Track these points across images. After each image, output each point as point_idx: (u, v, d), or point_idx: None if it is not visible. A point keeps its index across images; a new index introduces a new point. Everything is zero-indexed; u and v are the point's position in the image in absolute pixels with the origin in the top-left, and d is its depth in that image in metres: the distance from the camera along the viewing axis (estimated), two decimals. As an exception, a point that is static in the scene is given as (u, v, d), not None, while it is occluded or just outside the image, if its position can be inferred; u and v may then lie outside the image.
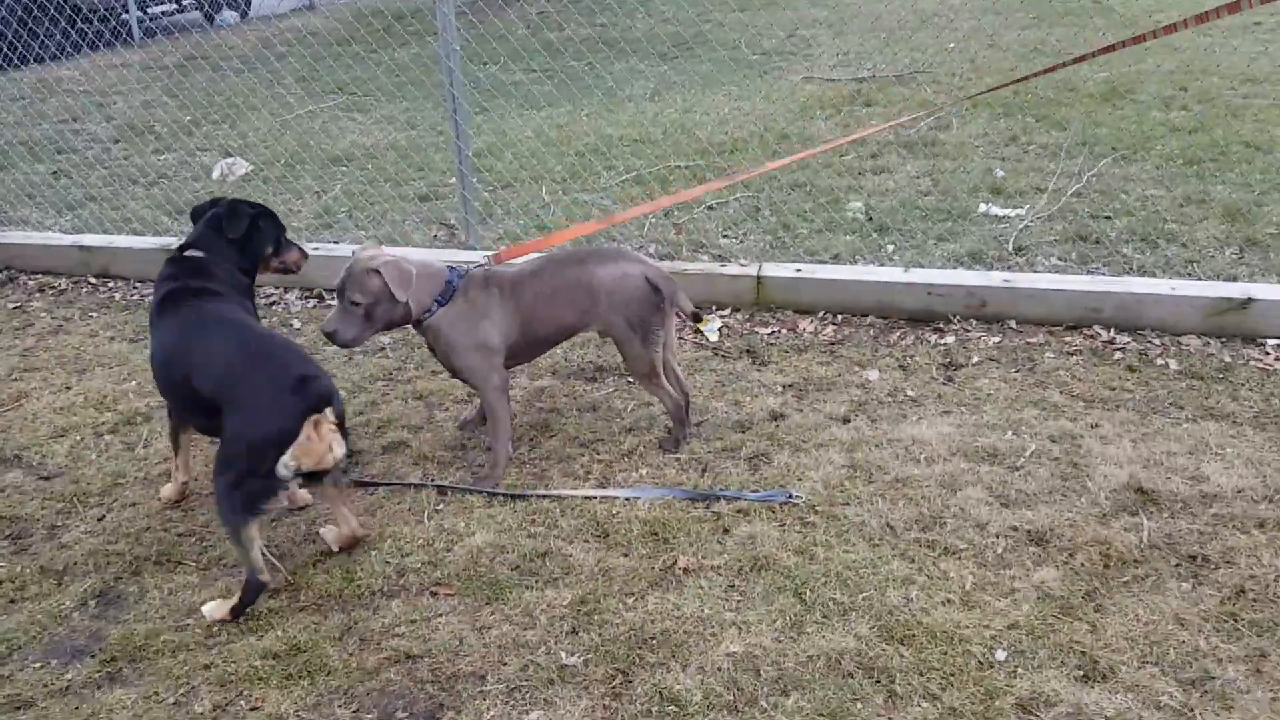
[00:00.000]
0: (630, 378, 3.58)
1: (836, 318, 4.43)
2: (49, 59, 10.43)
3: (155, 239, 5.44)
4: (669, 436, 3.53)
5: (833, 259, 4.79)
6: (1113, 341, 4.02)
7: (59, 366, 4.49)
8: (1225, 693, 2.38)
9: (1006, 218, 5.15)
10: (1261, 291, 3.98)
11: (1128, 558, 2.82)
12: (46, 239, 5.55)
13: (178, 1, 12.84)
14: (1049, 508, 3.06)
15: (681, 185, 5.88)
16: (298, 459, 2.72)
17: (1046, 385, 3.76)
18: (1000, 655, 2.53)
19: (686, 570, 2.91)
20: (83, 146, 7.70)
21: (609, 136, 6.92)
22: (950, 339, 4.18)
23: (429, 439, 3.71)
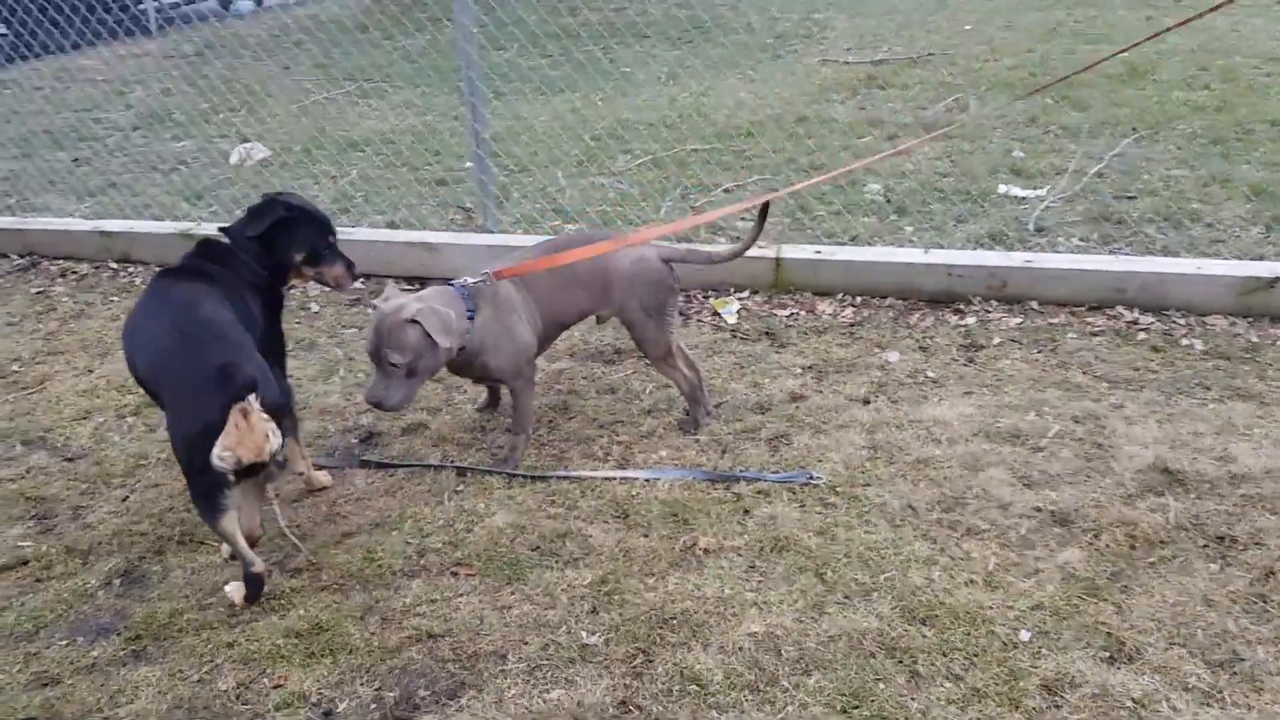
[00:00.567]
0: (646, 361, 3.56)
1: (856, 299, 4.41)
2: (70, 49, 10.46)
3: (174, 224, 5.46)
4: (688, 418, 3.52)
5: (851, 240, 4.76)
6: (1136, 322, 3.98)
7: (81, 350, 4.51)
8: (1254, 674, 2.36)
9: (1027, 199, 5.10)
10: (1289, 271, 3.93)
11: (1154, 539, 2.79)
12: (67, 225, 5.58)
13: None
14: (1073, 489, 3.03)
15: (699, 168, 5.85)
16: (232, 451, 2.54)
17: (1069, 366, 3.73)
18: (1025, 636, 2.51)
19: (707, 551, 2.90)
20: (103, 134, 7.74)
21: (625, 120, 6.90)
22: (971, 320, 4.15)
23: (448, 421, 3.71)
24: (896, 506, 3.03)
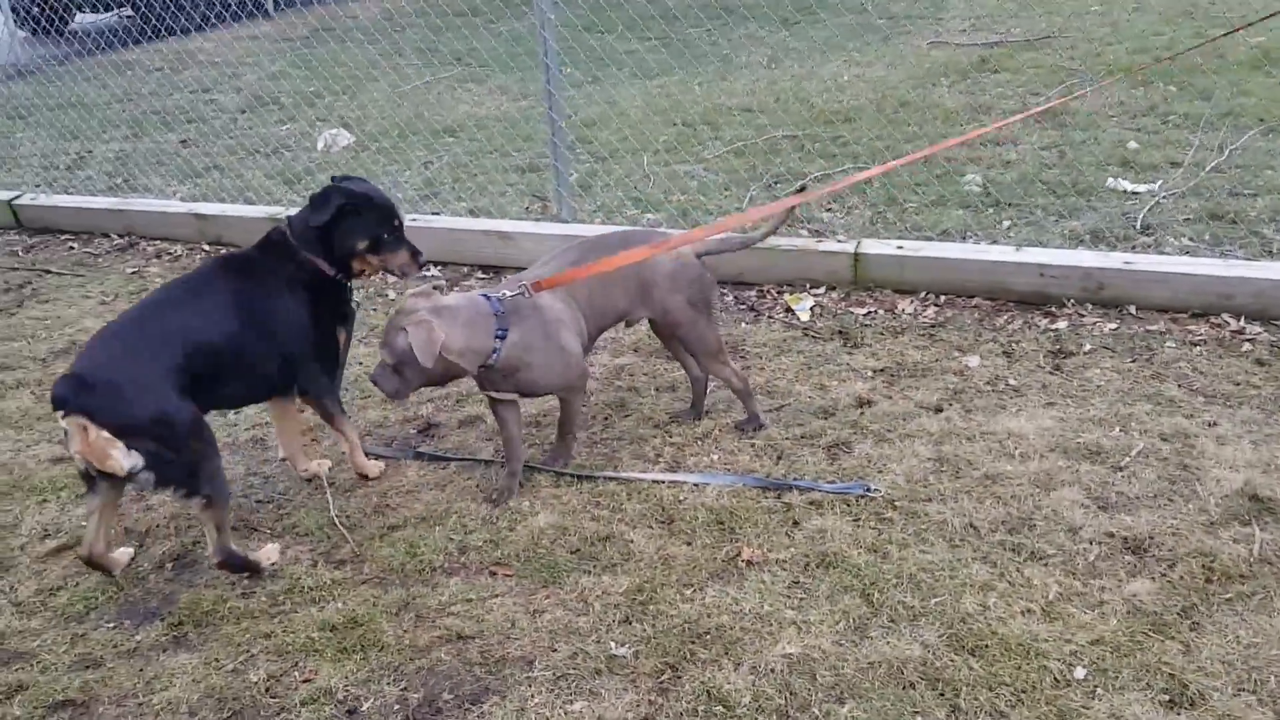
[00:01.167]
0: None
1: (939, 299, 4.20)
2: (192, 31, 10.82)
3: (266, 208, 5.57)
4: (747, 419, 3.39)
5: (940, 235, 4.54)
6: (1242, 331, 3.67)
7: (167, 331, 4.63)
8: (1335, 733, 2.13)
9: (1137, 194, 4.77)
10: None
11: (1233, 572, 2.56)
12: (165, 206, 5.75)
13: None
14: (1151, 513, 2.81)
15: (791, 155, 5.68)
16: (80, 455, 2.63)
17: (1164, 378, 3.46)
18: (1079, 673, 2.33)
19: (750, 563, 2.79)
20: (211, 116, 7.98)
21: (719, 106, 6.75)
22: (1062, 324, 3.90)
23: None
24: (957, 525, 2.86)
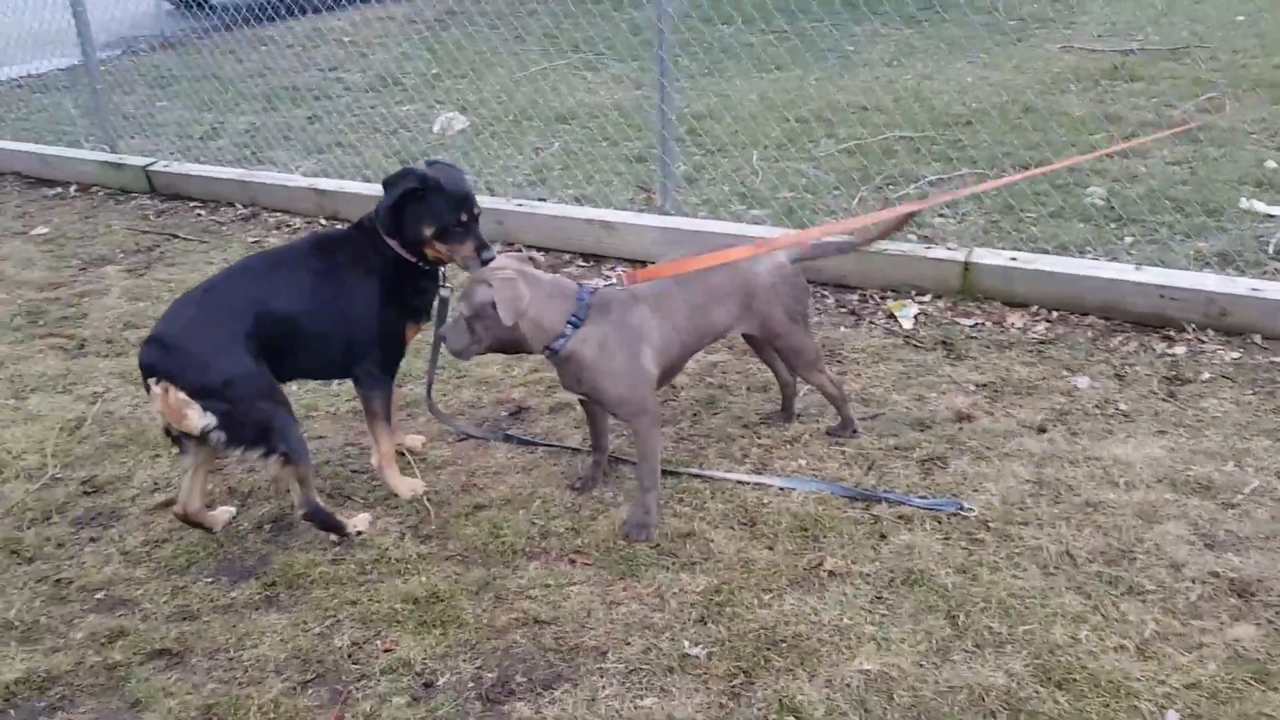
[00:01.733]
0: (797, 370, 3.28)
1: (1051, 314, 4.05)
2: (325, 9, 11.13)
3: (378, 187, 5.69)
4: (840, 426, 3.34)
5: (1057, 249, 4.38)
6: (1378, 370, 3.46)
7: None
8: None
9: (1271, 217, 4.53)
10: None
11: (1349, 627, 2.41)
12: (287, 180, 5.94)
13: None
14: (1261, 555, 2.67)
15: (906, 157, 5.56)
16: (161, 414, 2.81)
17: (1287, 413, 3.29)
18: (1171, 717, 2.23)
19: (832, 573, 2.74)
20: (338, 94, 8.20)
21: (835, 103, 6.64)
22: (1180, 350, 3.73)
23: (598, 404, 3.69)
24: (1053, 552, 2.76)
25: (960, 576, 2.70)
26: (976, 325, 4.04)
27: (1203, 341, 3.75)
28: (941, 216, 4.85)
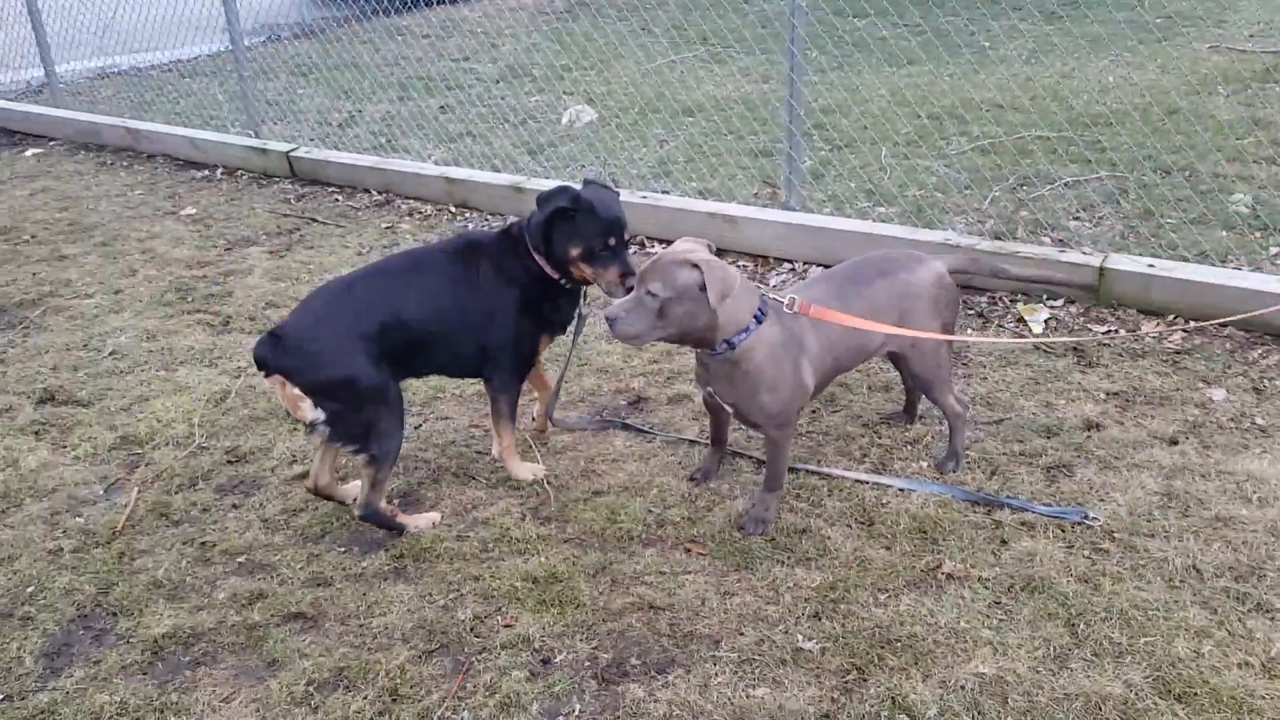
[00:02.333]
0: (929, 393, 3.17)
1: (1189, 324, 3.91)
2: (458, 0, 11.38)
3: (508, 176, 5.85)
4: (947, 455, 3.19)
5: (1197, 256, 4.22)
6: None
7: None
8: None
9: None
10: None
11: None
12: (420, 168, 6.14)
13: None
14: None
15: (1042, 157, 5.42)
16: (282, 401, 2.96)
17: None
18: (1303, 744, 2.15)
19: (950, 576, 2.72)
20: (469, 84, 8.42)
21: (969, 99, 6.51)
22: (1328, 364, 3.56)
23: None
24: (1179, 565, 2.68)
25: (1082, 585, 2.64)
26: (1109, 332, 3.93)
27: (1354, 357, 3.57)
28: (1077, 220, 4.71)
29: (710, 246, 2.81)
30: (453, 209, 5.90)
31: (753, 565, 2.83)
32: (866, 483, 3.11)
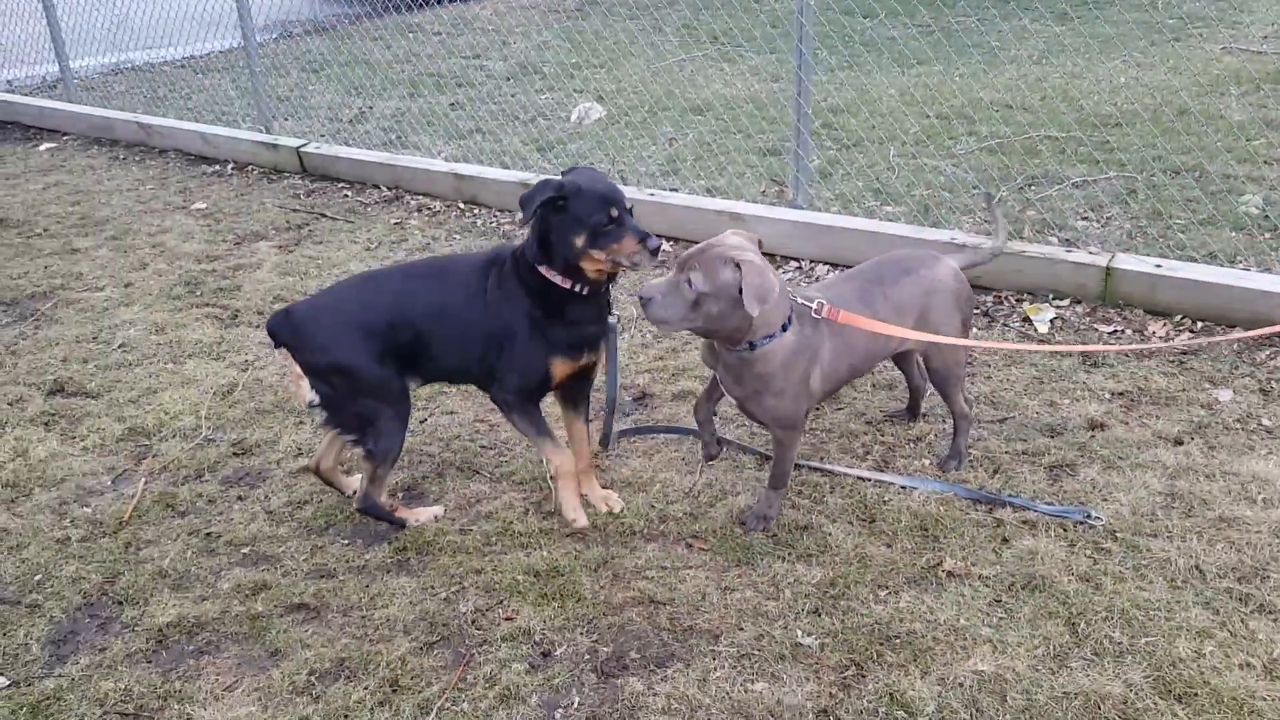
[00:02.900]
0: (935, 387, 3.19)
1: (1196, 324, 3.91)
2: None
3: (518, 173, 5.86)
4: (950, 454, 3.19)
5: (1205, 257, 4.21)
6: None
7: (419, 279, 4.98)
8: None
9: None
10: None
11: None
12: (429, 165, 6.15)
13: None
14: None
15: (1050, 158, 5.41)
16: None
17: None
18: (1303, 745, 2.15)
19: (951, 574, 2.72)
20: (479, 81, 8.43)
21: (978, 100, 6.50)
22: (1336, 366, 3.55)
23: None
24: (1181, 565, 2.68)
25: (1083, 584, 2.64)
26: (1115, 332, 3.92)
27: (1362, 359, 3.56)
28: (1085, 220, 4.71)
29: (759, 244, 2.75)
30: (461, 205, 5.92)
31: (753, 561, 2.83)
32: (869, 480, 3.11)
